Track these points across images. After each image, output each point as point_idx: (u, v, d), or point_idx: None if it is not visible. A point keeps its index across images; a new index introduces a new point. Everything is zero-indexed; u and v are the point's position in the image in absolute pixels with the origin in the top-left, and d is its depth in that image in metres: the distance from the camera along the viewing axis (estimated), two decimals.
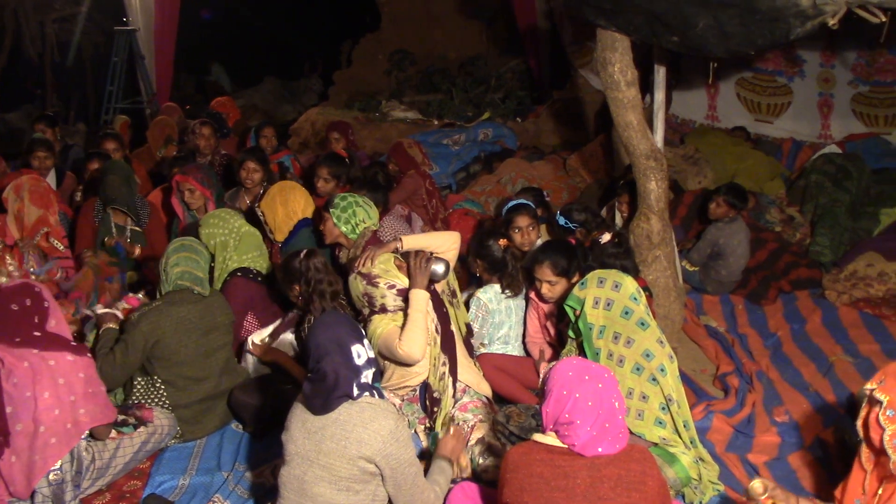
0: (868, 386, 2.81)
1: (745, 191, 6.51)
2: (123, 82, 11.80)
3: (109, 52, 11.88)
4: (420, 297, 3.98)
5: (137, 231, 5.85)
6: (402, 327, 3.96)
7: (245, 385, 4.46)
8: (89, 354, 3.69)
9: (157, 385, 4.24)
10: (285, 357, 4.51)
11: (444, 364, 4.09)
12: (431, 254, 4.12)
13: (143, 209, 5.95)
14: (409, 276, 4.06)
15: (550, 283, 4.42)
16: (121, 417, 3.93)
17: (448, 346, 4.14)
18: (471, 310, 4.67)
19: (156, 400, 4.24)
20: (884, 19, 3.95)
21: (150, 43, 11.43)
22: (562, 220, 5.51)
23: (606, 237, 4.76)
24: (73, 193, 6.77)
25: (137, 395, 4.25)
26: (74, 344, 3.67)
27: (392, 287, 4.05)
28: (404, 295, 4.04)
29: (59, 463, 3.54)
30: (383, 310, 4.05)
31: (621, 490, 2.54)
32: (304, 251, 4.36)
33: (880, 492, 2.90)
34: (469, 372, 4.26)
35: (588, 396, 2.57)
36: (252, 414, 4.31)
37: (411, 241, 4.24)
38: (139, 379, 4.26)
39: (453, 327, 4.23)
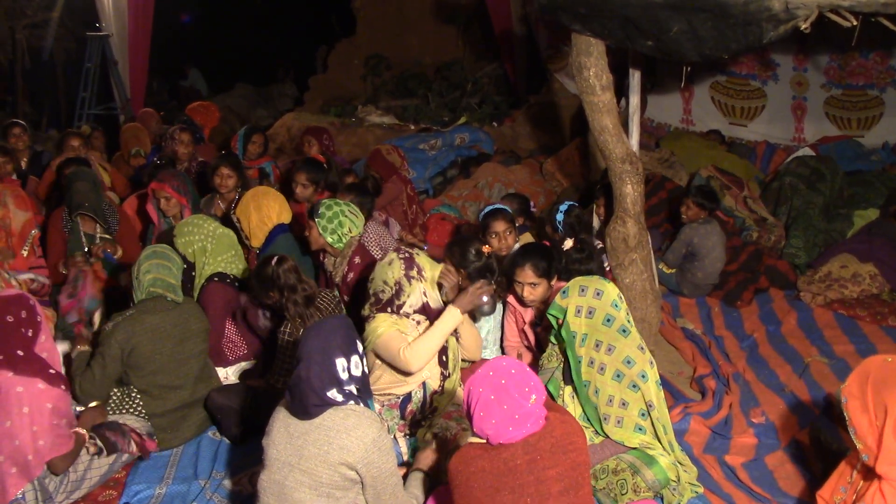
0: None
1: (714, 192, 6.57)
2: (97, 88, 11.69)
3: (82, 57, 11.77)
4: (454, 317, 3.99)
5: (108, 238, 5.78)
6: (416, 335, 3.97)
7: (223, 388, 4.43)
8: (63, 387, 3.59)
9: (133, 395, 4.19)
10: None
11: (460, 385, 4.15)
12: (494, 289, 4.18)
13: (112, 216, 5.87)
14: (459, 298, 4.06)
15: (532, 286, 4.43)
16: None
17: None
18: None
19: (131, 409, 4.19)
20: (854, 23, 3.98)
21: (123, 48, 11.33)
22: (559, 216, 5.55)
23: (569, 244, 4.79)
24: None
25: (113, 405, 4.21)
26: (52, 371, 3.58)
27: (425, 295, 4.04)
28: (422, 310, 4.03)
29: (20, 492, 3.49)
30: (395, 309, 4.00)
31: (558, 456, 2.68)
32: (275, 258, 4.34)
33: (860, 487, 2.95)
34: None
35: (490, 391, 2.67)
36: (229, 417, 4.28)
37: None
38: (115, 390, 4.21)
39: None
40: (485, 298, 4.12)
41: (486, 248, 4.76)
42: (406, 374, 3.97)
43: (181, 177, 5.92)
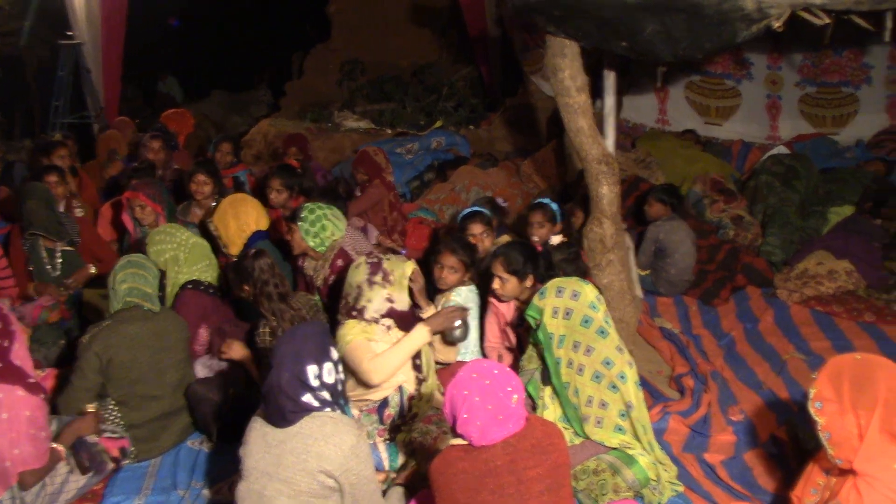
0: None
1: (677, 189, 6.61)
2: (70, 97, 11.59)
3: (54, 66, 11.67)
4: (422, 336, 3.97)
5: (70, 251, 5.72)
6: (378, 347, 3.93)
7: (205, 379, 4.40)
8: (42, 396, 3.57)
9: (110, 407, 4.15)
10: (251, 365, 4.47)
11: (441, 392, 4.13)
12: (464, 311, 4.25)
13: (72, 227, 5.81)
14: (433, 318, 4.12)
15: (501, 280, 4.44)
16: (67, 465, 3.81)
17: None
18: None
19: (109, 421, 4.14)
20: (827, 21, 4.02)
21: (96, 56, 11.24)
22: (555, 206, 5.67)
23: (556, 239, 4.81)
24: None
25: None
26: (32, 381, 3.55)
27: (390, 300, 4.00)
28: (389, 314, 3.99)
29: None
30: (359, 314, 3.97)
31: (539, 457, 2.70)
32: (253, 251, 4.33)
33: (833, 483, 2.96)
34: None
35: (476, 393, 2.68)
36: (210, 410, 4.24)
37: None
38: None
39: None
40: (457, 324, 4.19)
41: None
42: (367, 385, 3.93)
43: (156, 185, 5.88)
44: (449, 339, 4.31)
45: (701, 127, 9.49)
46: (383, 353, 3.88)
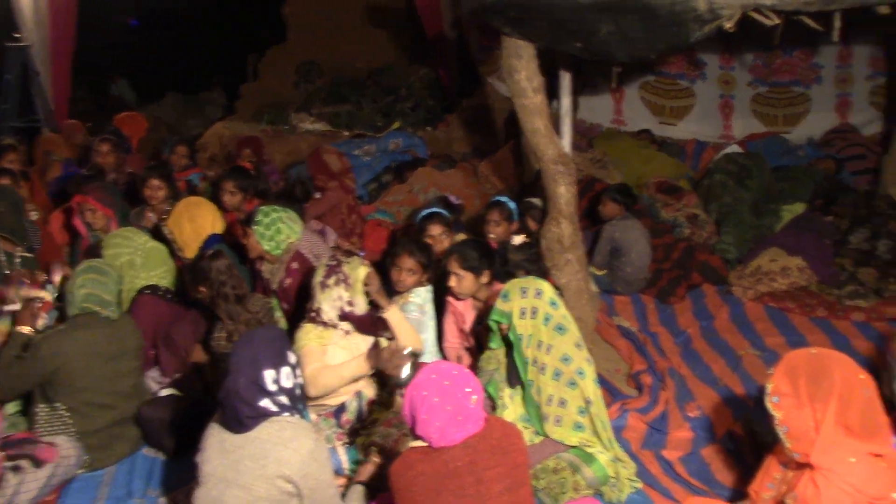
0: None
1: (630, 189, 6.67)
2: (18, 100, 11.34)
3: (1, 69, 11.42)
4: (360, 368, 3.88)
5: (28, 257, 5.62)
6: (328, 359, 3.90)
7: (152, 400, 4.33)
8: None
9: (61, 412, 4.06)
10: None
11: (402, 396, 4.05)
12: (414, 357, 3.89)
13: (34, 234, 5.72)
14: (374, 355, 3.86)
15: (458, 276, 4.44)
16: (10, 463, 3.70)
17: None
18: (411, 314, 4.62)
19: (61, 428, 4.05)
20: (777, 21, 4.07)
21: (45, 58, 11.03)
22: (512, 205, 5.71)
23: (517, 239, 4.81)
24: None
25: (40, 423, 4.06)
26: None
27: (350, 303, 3.97)
28: (345, 317, 3.97)
29: None
30: (317, 315, 3.96)
31: (498, 457, 2.70)
32: (211, 252, 4.29)
33: (790, 476, 3.00)
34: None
35: (434, 394, 2.70)
36: (161, 429, 4.17)
37: (397, 316, 4.15)
38: (41, 405, 4.06)
39: None
40: (404, 373, 3.78)
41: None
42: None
43: (107, 188, 5.80)
44: (392, 383, 3.95)
45: (656, 126, 9.59)
46: (325, 368, 3.87)
